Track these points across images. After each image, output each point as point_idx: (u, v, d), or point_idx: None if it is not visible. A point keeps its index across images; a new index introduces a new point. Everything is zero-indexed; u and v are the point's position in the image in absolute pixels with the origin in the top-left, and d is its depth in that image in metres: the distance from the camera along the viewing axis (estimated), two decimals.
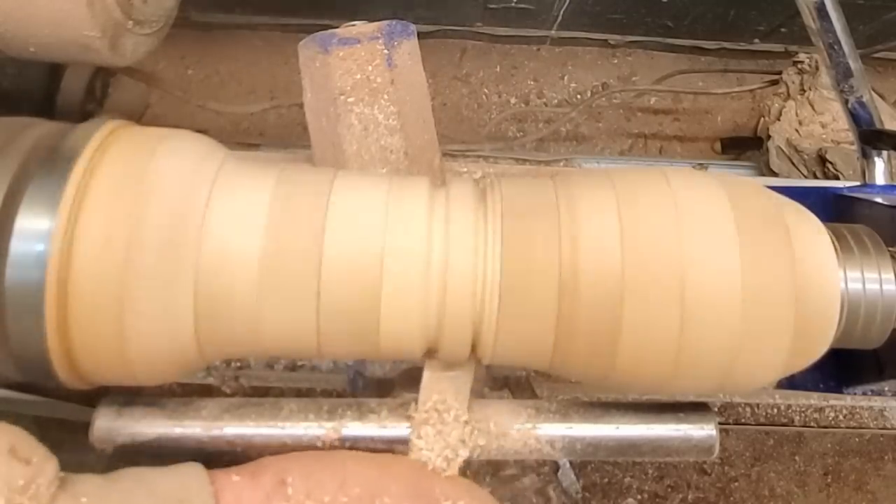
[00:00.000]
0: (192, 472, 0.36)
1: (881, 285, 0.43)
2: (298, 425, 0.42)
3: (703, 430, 0.44)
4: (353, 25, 0.56)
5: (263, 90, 1.30)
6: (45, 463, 0.32)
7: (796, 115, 1.10)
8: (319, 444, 0.42)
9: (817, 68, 1.10)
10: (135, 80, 1.05)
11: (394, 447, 0.42)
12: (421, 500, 0.38)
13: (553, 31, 1.30)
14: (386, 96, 0.54)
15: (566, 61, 1.38)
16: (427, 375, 0.43)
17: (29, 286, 0.34)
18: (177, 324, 0.37)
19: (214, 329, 0.38)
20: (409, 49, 0.56)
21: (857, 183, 0.71)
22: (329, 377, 0.71)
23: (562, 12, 1.21)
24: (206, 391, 0.68)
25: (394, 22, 0.57)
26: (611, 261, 0.38)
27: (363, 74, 0.54)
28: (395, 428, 0.42)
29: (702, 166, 1.07)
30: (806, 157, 1.05)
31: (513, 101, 1.35)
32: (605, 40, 1.34)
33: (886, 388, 0.60)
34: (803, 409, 0.73)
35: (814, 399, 0.72)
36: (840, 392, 0.60)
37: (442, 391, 0.43)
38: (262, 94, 1.29)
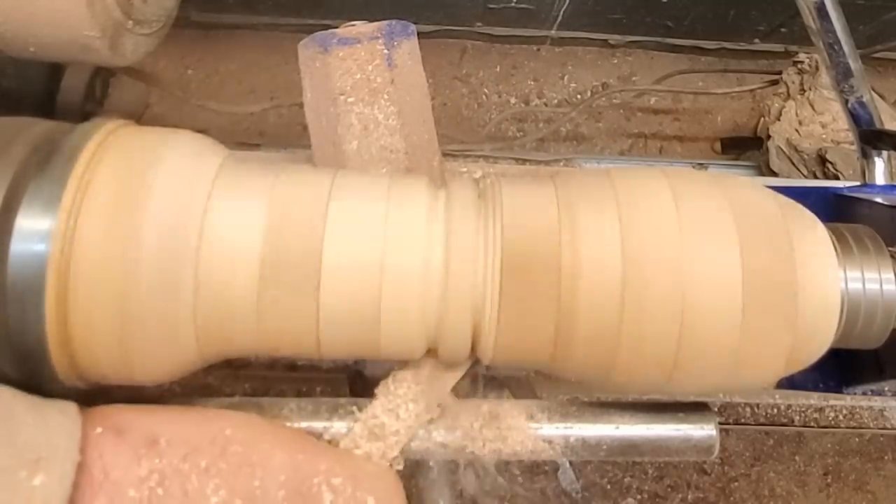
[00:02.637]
0: (66, 426, 0.33)
1: (881, 285, 0.43)
2: (298, 425, 0.42)
3: (703, 430, 0.44)
4: (353, 25, 0.56)
5: (263, 90, 1.30)
6: None
7: (796, 115, 1.10)
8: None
9: (817, 68, 1.10)
10: (135, 80, 1.05)
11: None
12: (298, 474, 0.37)
13: (553, 31, 1.30)
14: (386, 96, 0.54)
15: (566, 61, 1.38)
16: (422, 360, 0.43)
17: (29, 286, 0.34)
18: (177, 324, 0.37)
19: (214, 329, 0.38)
20: (409, 49, 0.56)
21: (857, 183, 0.71)
22: (329, 377, 0.71)
23: (562, 12, 1.21)
24: (206, 391, 0.68)
25: (394, 22, 0.57)
26: (611, 261, 0.38)
27: (363, 74, 0.54)
28: None
29: (702, 166, 1.07)
30: (806, 157, 1.05)
31: (513, 101, 1.35)
32: (605, 40, 1.34)
33: (886, 388, 0.60)
34: (803, 409, 0.73)
35: (814, 399, 0.72)
36: (840, 392, 0.60)
37: (427, 377, 0.43)
38: (262, 94, 1.29)
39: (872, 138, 0.71)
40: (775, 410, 0.72)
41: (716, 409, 0.71)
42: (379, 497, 0.38)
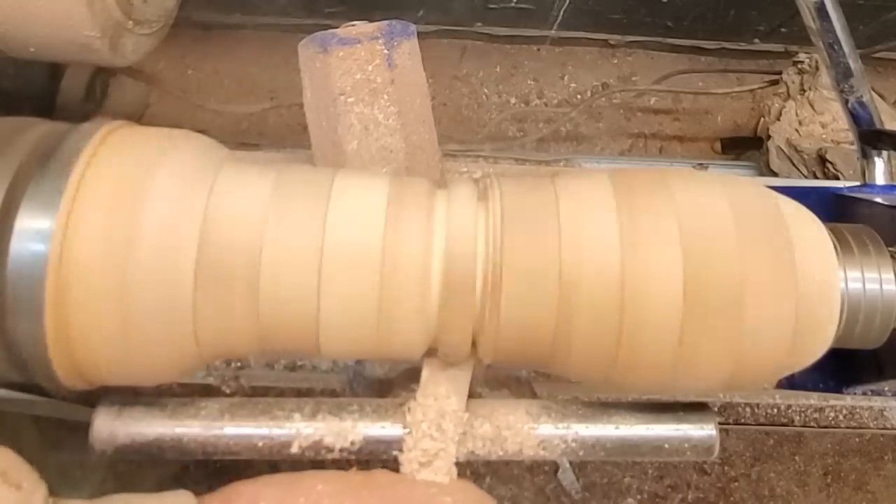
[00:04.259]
0: (185, 502, 0.36)
1: (881, 285, 0.43)
2: (298, 425, 0.42)
3: (703, 430, 0.44)
4: (353, 25, 0.56)
5: (263, 90, 1.30)
6: (35, 488, 0.32)
7: (796, 115, 1.10)
8: (319, 443, 0.42)
9: (817, 68, 1.10)
10: (135, 80, 1.05)
11: (393, 446, 0.42)
12: None
13: (553, 31, 1.29)
14: (386, 96, 0.54)
15: (566, 61, 1.38)
16: (426, 373, 0.43)
17: (29, 286, 0.34)
18: (176, 323, 0.37)
19: (214, 329, 0.38)
20: (409, 49, 0.56)
21: (857, 183, 0.71)
22: (329, 377, 0.71)
23: (562, 12, 1.21)
24: (206, 391, 0.68)
25: (394, 22, 0.57)
26: (610, 260, 0.38)
27: (363, 74, 0.54)
28: (394, 428, 0.42)
29: (702, 166, 1.07)
30: (806, 157, 1.05)
31: (513, 101, 1.35)
32: (605, 40, 1.34)
33: (886, 388, 0.60)
34: (803, 409, 0.73)
35: (814, 399, 0.72)
36: (840, 392, 0.60)
37: (440, 387, 0.43)
38: (262, 94, 1.29)
39: (872, 138, 0.71)
40: (775, 410, 0.72)
41: (716, 409, 0.71)
42: None
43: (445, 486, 0.41)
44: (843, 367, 0.59)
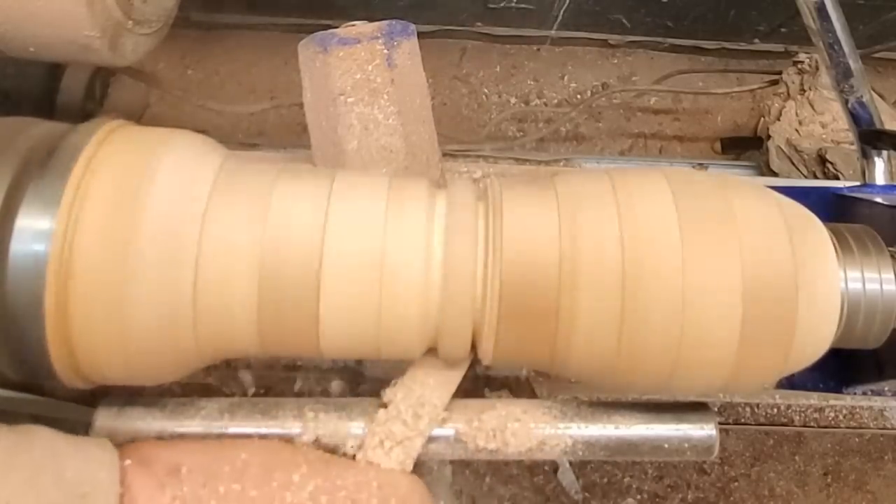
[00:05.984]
0: (106, 461, 0.35)
1: (881, 285, 0.43)
2: (298, 425, 0.42)
3: (703, 430, 0.44)
4: (353, 25, 0.56)
5: (263, 90, 1.29)
6: None
7: (796, 115, 1.10)
8: (318, 444, 0.42)
9: (817, 68, 1.10)
10: (135, 80, 1.05)
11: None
12: (322, 493, 0.37)
13: (553, 31, 1.29)
14: (386, 96, 0.54)
15: (566, 61, 1.38)
16: (419, 361, 0.43)
17: (29, 286, 0.34)
18: (176, 324, 0.37)
19: (214, 329, 0.38)
20: (409, 49, 0.56)
21: (857, 183, 0.71)
22: (329, 377, 0.71)
23: (562, 12, 1.21)
24: (206, 391, 0.68)
25: (394, 22, 0.57)
26: (611, 260, 0.38)
27: (363, 74, 0.54)
28: None
29: (702, 166, 1.07)
30: (806, 157, 1.05)
31: (513, 101, 1.35)
32: (605, 40, 1.34)
33: (886, 388, 0.60)
34: (803, 409, 0.73)
35: (814, 399, 0.72)
36: (840, 392, 0.60)
37: (430, 378, 0.43)
38: (262, 94, 1.29)
39: (872, 138, 0.71)
40: (775, 410, 0.72)
41: (716, 409, 0.71)
42: None
43: (386, 475, 0.39)
44: (843, 367, 0.59)
